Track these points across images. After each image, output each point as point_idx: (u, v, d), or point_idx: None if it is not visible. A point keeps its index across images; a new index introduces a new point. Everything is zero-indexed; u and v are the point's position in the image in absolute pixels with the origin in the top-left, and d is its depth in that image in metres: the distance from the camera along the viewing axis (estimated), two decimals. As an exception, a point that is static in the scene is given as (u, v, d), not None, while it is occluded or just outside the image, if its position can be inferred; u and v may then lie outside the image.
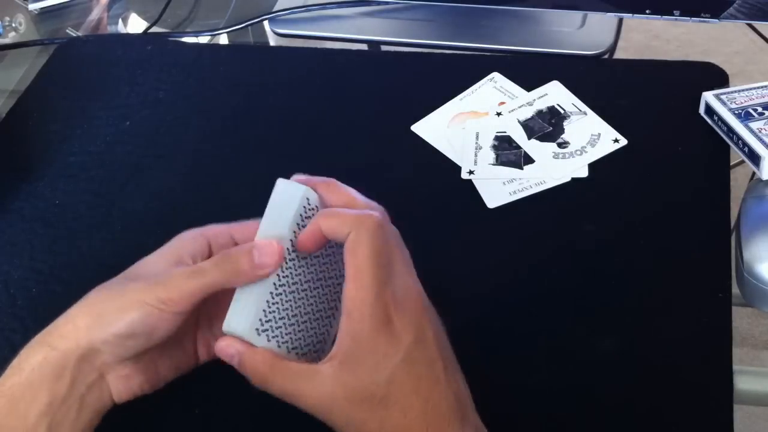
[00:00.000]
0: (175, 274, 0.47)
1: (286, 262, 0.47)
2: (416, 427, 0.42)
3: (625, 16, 0.74)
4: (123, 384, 0.48)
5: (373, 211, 0.46)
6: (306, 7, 0.86)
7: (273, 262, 0.46)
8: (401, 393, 0.42)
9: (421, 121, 0.70)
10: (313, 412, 0.44)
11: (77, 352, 0.46)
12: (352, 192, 0.48)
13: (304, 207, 0.48)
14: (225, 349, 0.46)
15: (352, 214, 0.45)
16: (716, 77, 0.71)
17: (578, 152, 0.66)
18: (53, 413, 0.45)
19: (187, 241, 0.50)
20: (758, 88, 0.65)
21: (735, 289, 0.57)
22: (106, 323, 0.46)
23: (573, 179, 0.64)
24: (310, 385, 0.44)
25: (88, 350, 0.46)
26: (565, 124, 0.68)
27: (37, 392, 0.45)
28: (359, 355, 0.43)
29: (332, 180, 0.49)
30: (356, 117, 0.72)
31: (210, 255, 0.49)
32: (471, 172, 0.65)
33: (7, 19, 0.92)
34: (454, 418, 0.43)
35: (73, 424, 0.46)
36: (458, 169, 0.66)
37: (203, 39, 0.87)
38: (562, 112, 0.69)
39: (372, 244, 0.44)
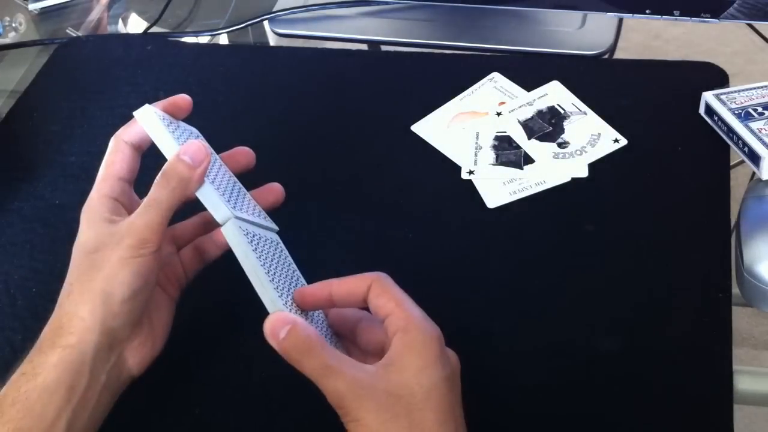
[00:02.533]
0: (131, 220, 0.48)
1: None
2: None
3: (625, 16, 0.74)
4: (140, 353, 0.49)
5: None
6: (306, 7, 0.86)
7: (203, 155, 0.49)
8: (439, 404, 0.43)
9: (421, 121, 0.70)
10: (342, 395, 0.43)
11: (92, 343, 0.46)
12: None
13: (163, 119, 0.51)
14: (279, 321, 0.45)
15: (368, 274, 0.48)
16: (716, 77, 0.71)
17: (578, 152, 0.66)
18: (72, 408, 0.45)
19: (95, 208, 0.50)
20: (758, 88, 0.65)
21: (735, 289, 0.57)
22: (109, 299, 0.46)
23: (573, 179, 0.64)
24: (353, 369, 0.44)
25: (103, 335, 0.46)
26: (565, 124, 0.68)
27: (54, 393, 0.45)
28: (409, 360, 0.44)
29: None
30: (356, 117, 0.72)
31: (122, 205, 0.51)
32: (471, 172, 0.65)
33: (7, 19, 0.92)
34: None
35: (93, 412, 0.46)
36: (458, 169, 0.66)
37: (203, 39, 0.87)
38: (562, 112, 0.69)
39: (397, 287, 0.47)
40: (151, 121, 0.51)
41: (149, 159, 0.54)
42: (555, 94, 0.71)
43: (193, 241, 0.55)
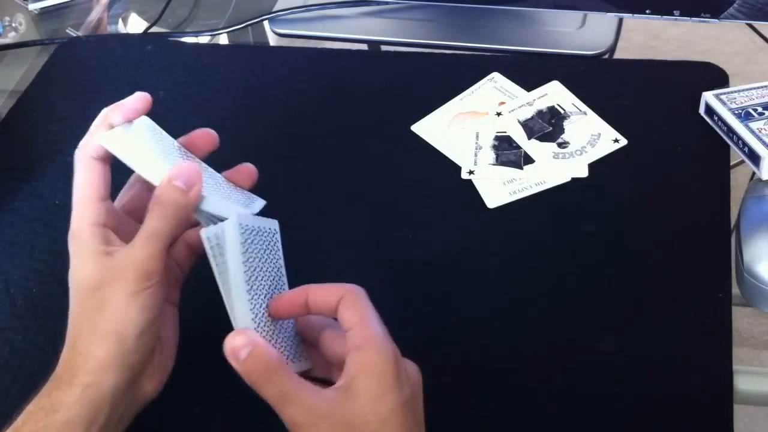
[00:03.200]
0: (133, 254, 0.47)
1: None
2: None
3: (625, 16, 0.74)
4: (156, 378, 0.49)
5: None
6: (306, 7, 0.86)
7: (196, 176, 0.48)
8: (397, 430, 0.43)
9: (421, 121, 0.70)
10: (298, 423, 0.44)
11: (111, 381, 0.46)
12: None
13: (133, 136, 0.50)
14: (240, 340, 0.45)
15: (343, 285, 0.46)
16: (716, 77, 0.71)
17: (578, 152, 0.66)
18: None
19: (85, 239, 0.48)
20: (758, 88, 0.65)
21: (735, 289, 0.57)
22: (123, 337, 0.46)
23: (573, 179, 0.64)
24: (309, 397, 0.44)
25: (121, 372, 0.46)
26: (565, 124, 0.68)
27: (75, 427, 0.45)
28: (365, 385, 0.43)
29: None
30: (356, 117, 0.72)
31: (117, 223, 0.50)
32: (471, 172, 0.65)
33: (7, 19, 0.92)
34: None
35: None
36: (458, 169, 0.66)
37: (203, 39, 0.87)
38: (562, 112, 0.69)
39: (369, 304, 0.46)
40: (121, 148, 0.49)
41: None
42: (555, 94, 0.71)
43: (182, 236, 0.53)
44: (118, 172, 0.52)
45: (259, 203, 0.54)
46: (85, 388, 0.45)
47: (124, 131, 0.50)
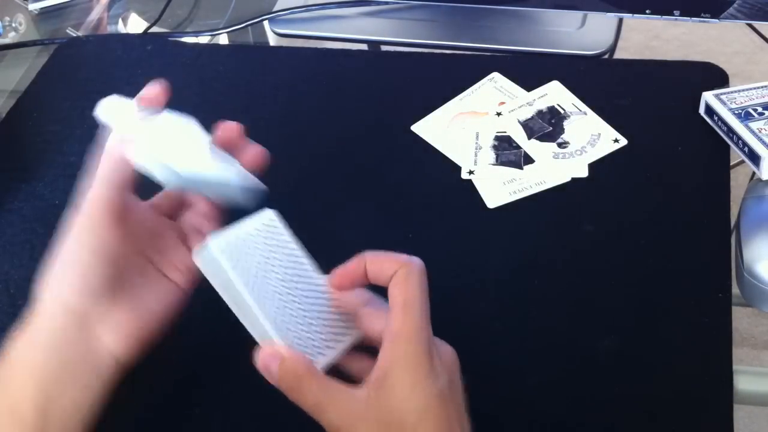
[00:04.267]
0: (91, 191, 0.49)
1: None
2: None
3: (625, 16, 0.74)
4: (118, 331, 0.48)
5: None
6: (306, 7, 0.86)
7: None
8: (433, 426, 0.42)
9: (421, 121, 0.70)
10: (336, 426, 0.43)
11: (57, 319, 0.46)
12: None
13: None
14: (264, 356, 0.45)
15: (401, 257, 0.46)
16: (716, 77, 0.71)
17: (578, 152, 0.66)
18: (46, 387, 0.45)
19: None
20: (758, 88, 0.65)
21: (735, 289, 0.57)
22: (63, 272, 0.47)
23: (573, 179, 0.64)
24: (343, 401, 0.43)
25: (65, 311, 0.46)
26: (565, 124, 0.68)
27: (26, 370, 0.45)
28: (399, 379, 0.42)
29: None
30: (356, 117, 0.72)
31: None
32: (471, 172, 0.65)
33: (7, 19, 0.92)
34: None
35: (76, 393, 0.46)
36: (458, 169, 0.66)
37: (203, 39, 0.87)
38: (562, 112, 0.69)
39: (421, 281, 0.45)
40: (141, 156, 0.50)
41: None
42: (555, 94, 0.71)
43: (201, 230, 0.53)
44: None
45: (259, 186, 0.53)
46: (29, 332, 0.46)
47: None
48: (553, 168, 0.65)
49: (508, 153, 0.66)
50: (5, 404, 0.44)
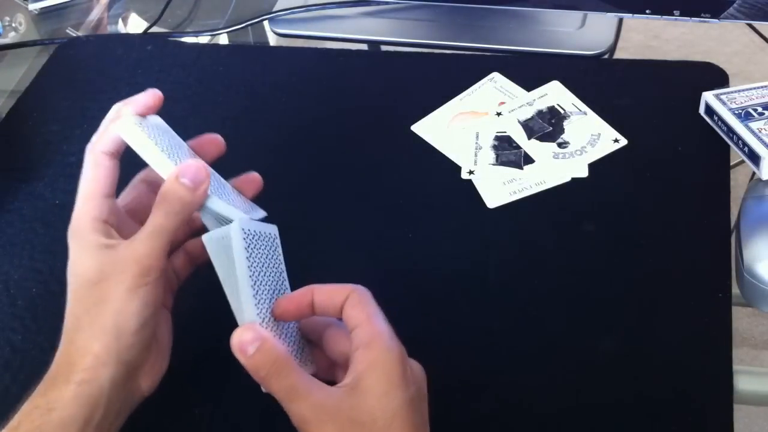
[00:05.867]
0: (134, 248, 0.47)
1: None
2: None
3: (625, 16, 0.74)
4: (151, 375, 0.49)
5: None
6: (306, 7, 0.86)
7: (204, 175, 0.48)
8: (404, 426, 0.43)
9: (421, 121, 0.70)
10: (306, 419, 0.43)
11: (107, 377, 0.45)
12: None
13: (145, 129, 0.50)
14: (245, 334, 0.45)
15: (348, 285, 0.46)
16: (716, 77, 0.71)
17: (578, 152, 0.66)
18: None
19: (86, 233, 0.48)
20: (758, 88, 0.65)
21: (735, 289, 0.57)
22: (122, 333, 0.46)
23: (573, 179, 0.64)
24: (318, 394, 0.44)
25: (118, 368, 0.46)
26: (565, 124, 0.68)
27: (70, 426, 0.44)
28: (374, 382, 0.43)
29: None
30: (356, 117, 0.72)
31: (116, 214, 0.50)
32: (471, 172, 0.65)
33: (7, 19, 0.92)
34: None
35: None
36: (458, 169, 0.66)
37: (203, 39, 0.87)
38: (562, 112, 0.69)
39: (374, 302, 0.46)
40: (137, 138, 0.49)
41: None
42: (555, 94, 0.71)
43: (183, 245, 0.53)
44: (123, 169, 0.52)
45: (261, 213, 0.54)
46: (81, 384, 0.45)
47: (140, 122, 0.50)
48: (553, 168, 0.65)
49: (508, 153, 0.66)
50: None
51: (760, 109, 0.63)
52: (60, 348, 0.47)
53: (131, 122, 0.50)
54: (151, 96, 0.52)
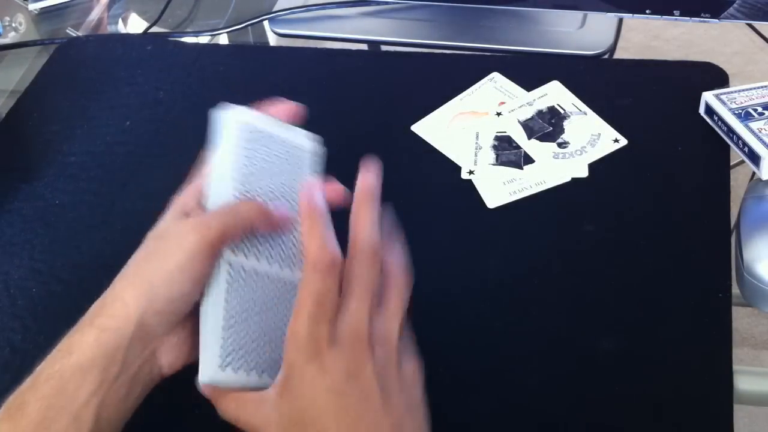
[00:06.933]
0: (205, 218, 0.48)
1: (229, 297, 0.47)
2: None
3: (625, 16, 0.74)
4: (174, 354, 0.49)
5: (329, 252, 0.47)
6: (306, 7, 0.86)
7: (286, 221, 0.51)
8: (326, 419, 0.43)
9: (421, 121, 0.70)
10: (255, 428, 0.45)
11: (129, 330, 0.45)
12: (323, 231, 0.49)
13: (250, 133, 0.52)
14: (205, 392, 0.48)
15: (311, 253, 0.46)
16: (716, 77, 0.71)
17: (578, 152, 0.66)
18: (103, 393, 0.45)
19: (185, 199, 0.51)
20: (758, 88, 0.65)
21: (735, 289, 0.57)
22: (155, 294, 0.46)
23: (573, 179, 0.64)
24: (256, 411, 0.45)
25: (140, 327, 0.46)
26: (565, 124, 0.68)
27: (88, 374, 0.45)
28: (292, 383, 0.44)
29: (317, 213, 0.50)
30: (356, 117, 0.72)
31: None
32: (471, 172, 0.65)
33: (7, 19, 0.92)
34: None
35: (123, 402, 0.46)
36: (458, 169, 0.66)
37: (203, 39, 0.87)
38: (562, 112, 0.69)
39: (314, 282, 0.45)
40: (229, 140, 0.50)
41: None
42: (555, 94, 0.71)
43: None
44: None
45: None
46: (104, 331, 0.45)
47: (247, 129, 0.52)
48: (553, 168, 0.65)
49: (508, 153, 0.66)
50: (70, 410, 0.44)
51: (760, 109, 0.63)
52: (103, 294, 0.48)
53: (238, 120, 0.51)
54: (289, 109, 0.56)
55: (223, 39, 0.89)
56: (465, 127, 0.69)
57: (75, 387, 0.44)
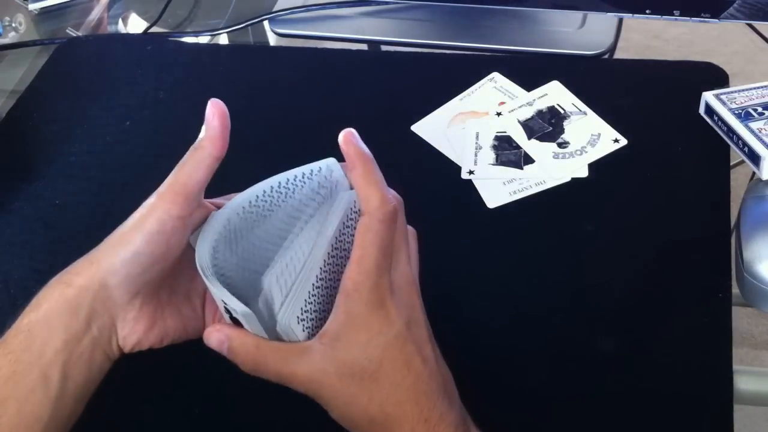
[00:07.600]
0: (171, 179, 0.47)
1: (328, 258, 0.47)
2: (406, 401, 0.44)
3: (625, 16, 0.74)
4: (129, 328, 0.48)
5: (390, 202, 0.47)
6: (306, 7, 0.86)
7: (222, 108, 0.51)
8: (392, 368, 0.44)
9: (421, 121, 0.70)
10: (305, 390, 0.45)
11: (92, 288, 0.46)
12: (379, 177, 0.49)
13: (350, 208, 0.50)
14: (212, 334, 0.47)
15: (372, 199, 0.47)
16: (716, 77, 0.71)
17: (578, 152, 0.66)
18: (69, 351, 0.45)
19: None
20: (758, 88, 0.65)
21: (735, 289, 0.57)
22: (114, 252, 0.46)
23: (573, 179, 0.64)
24: (301, 363, 0.45)
25: (101, 287, 0.46)
26: (565, 124, 0.68)
27: (54, 329, 0.45)
28: (352, 333, 0.44)
29: (368, 159, 0.50)
30: (356, 117, 0.71)
31: None
32: (471, 172, 0.65)
33: (7, 19, 0.92)
34: (443, 396, 0.45)
35: (87, 364, 0.46)
36: (458, 169, 0.66)
37: (203, 39, 0.87)
38: (562, 112, 0.69)
39: (380, 233, 0.45)
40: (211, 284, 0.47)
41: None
42: (555, 94, 0.71)
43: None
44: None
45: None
46: (69, 287, 0.46)
47: (215, 261, 0.49)
48: (553, 168, 0.65)
49: (508, 153, 0.66)
50: (38, 366, 0.44)
51: (760, 109, 0.63)
52: None
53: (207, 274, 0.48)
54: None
55: (223, 39, 0.89)
56: (465, 127, 0.69)
57: (42, 343, 0.45)
